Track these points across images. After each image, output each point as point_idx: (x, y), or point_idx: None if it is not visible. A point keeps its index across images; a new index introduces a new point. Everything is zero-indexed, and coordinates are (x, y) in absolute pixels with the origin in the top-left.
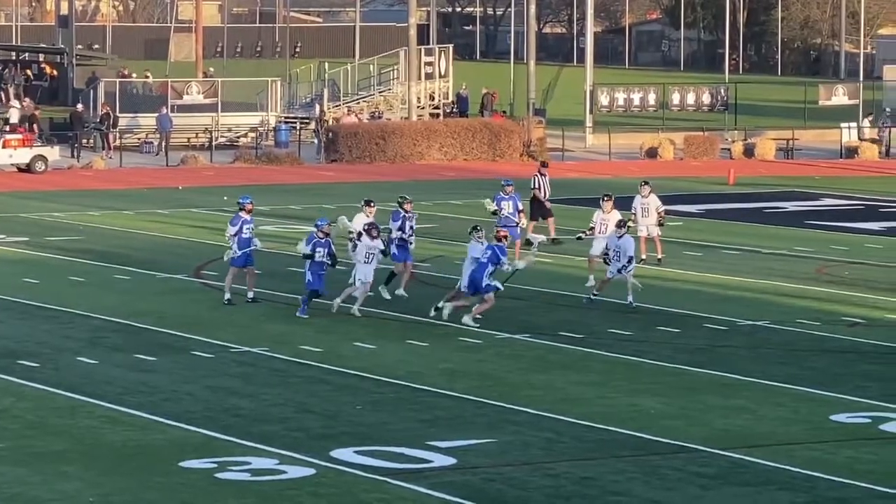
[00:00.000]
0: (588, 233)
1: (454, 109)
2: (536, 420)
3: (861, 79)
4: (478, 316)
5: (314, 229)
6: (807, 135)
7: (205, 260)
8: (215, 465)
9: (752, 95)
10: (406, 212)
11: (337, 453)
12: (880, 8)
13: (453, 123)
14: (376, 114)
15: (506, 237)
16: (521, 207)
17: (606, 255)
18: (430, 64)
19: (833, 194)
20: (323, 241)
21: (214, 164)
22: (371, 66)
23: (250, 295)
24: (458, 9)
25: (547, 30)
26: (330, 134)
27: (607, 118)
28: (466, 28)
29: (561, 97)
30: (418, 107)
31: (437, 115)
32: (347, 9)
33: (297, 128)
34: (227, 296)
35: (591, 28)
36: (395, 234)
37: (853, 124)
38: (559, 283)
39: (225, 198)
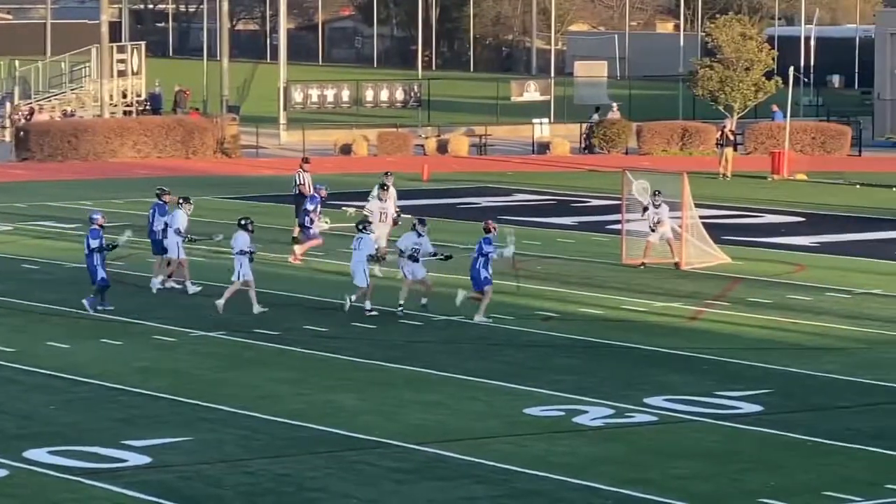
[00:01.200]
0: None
1: (147, 107)
2: (232, 417)
3: (552, 75)
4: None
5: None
6: (499, 130)
7: None
8: None
9: (445, 92)
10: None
11: (30, 454)
12: (571, 5)
13: (147, 121)
14: (68, 112)
15: (495, 228)
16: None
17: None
18: (122, 61)
19: (526, 189)
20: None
21: None
22: (63, 64)
23: None
24: (151, 6)
25: (240, 26)
26: (21, 132)
27: (301, 115)
28: (159, 25)
29: (255, 94)
30: (111, 104)
31: (130, 112)
32: (38, 5)
33: None
34: None
35: (284, 25)
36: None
37: (545, 120)
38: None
39: None
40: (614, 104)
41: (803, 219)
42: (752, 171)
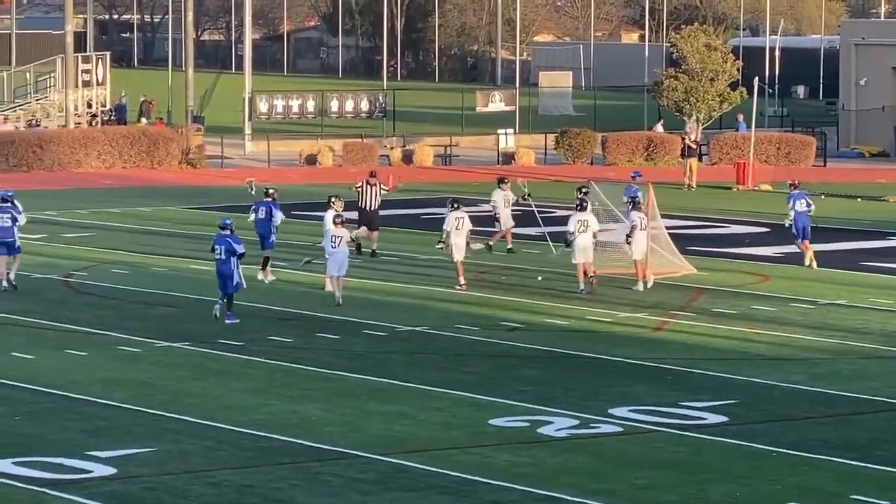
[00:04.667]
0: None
1: (112, 117)
2: (196, 428)
3: (518, 85)
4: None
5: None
6: (465, 141)
7: None
8: None
9: (410, 102)
10: None
11: None
12: (536, 15)
13: (111, 131)
14: (33, 122)
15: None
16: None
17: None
18: (87, 71)
19: (490, 200)
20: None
21: None
22: (28, 74)
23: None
24: (116, 16)
25: (205, 37)
26: None
27: (266, 125)
28: (124, 35)
29: (219, 104)
30: (76, 115)
31: (95, 123)
32: (3, 16)
33: None
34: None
35: (248, 35)
36: None
37: (510, 130)
38: (216, 291)
39: None
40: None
41: (768, 229)
42: (717, 182)
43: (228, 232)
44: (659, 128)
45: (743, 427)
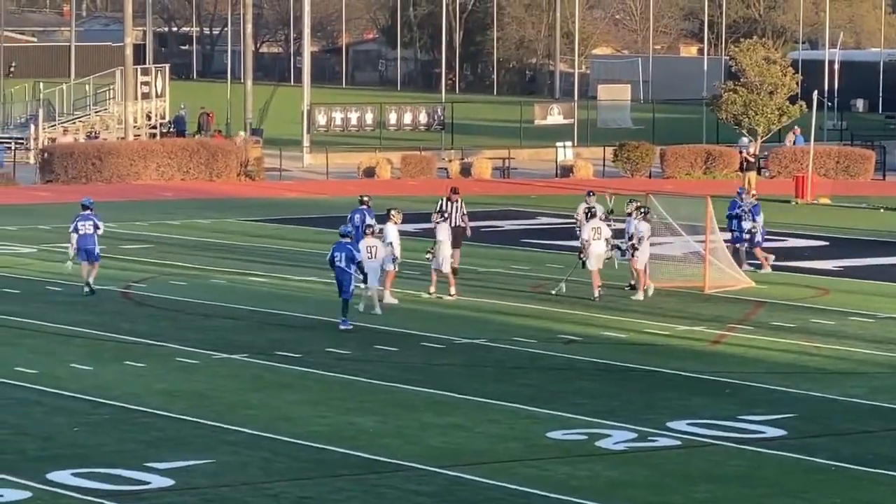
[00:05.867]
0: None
1: (171, 129)
2: (254, 440)
3: (576, 98)
4: None
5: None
6: (523, 154)
7: None
8: None
9: (468, 115)
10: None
11: (54, 476)
12: (595, 28)
13: (170, 143)
14: (93, 134)
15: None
16: None
17: None
18: (146, 84)
19: (548, 213)
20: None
21: None
22: (87, 86)
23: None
24: (175, 28)
25: (264, 49)
26: (45, 154)
27: (325, 138)
28: (183, 48)
29: (278, 117)
30: (135, 126)
31: (155, 134)
32: (62, 28)
33: (13, 148)
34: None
35: (307, 47)
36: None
37: (568, 143)
38: (274, 302)
39: None
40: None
41: (827, 243)
42: (776, 195)
43: (348, 239)
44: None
45: (802, 441)
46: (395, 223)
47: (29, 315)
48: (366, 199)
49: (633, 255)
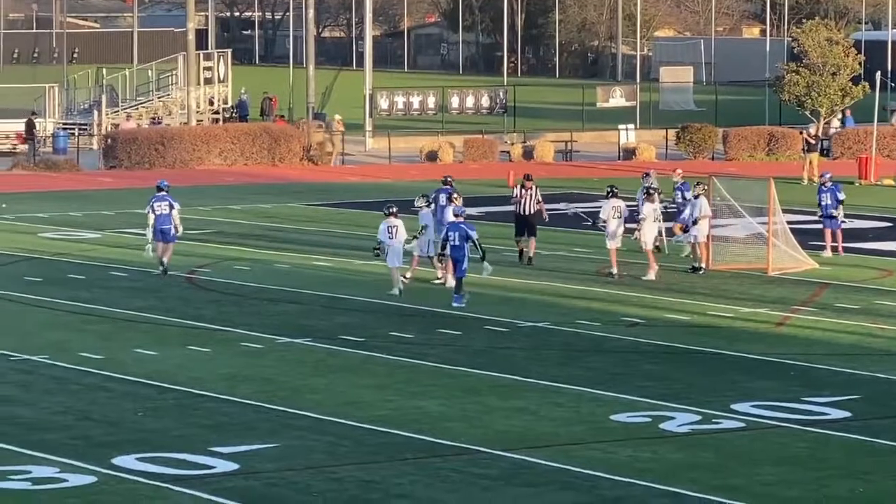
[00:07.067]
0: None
1: (234, 114)
2: (318, 424)
3: (638, 80)
4: None
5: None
6: (585, 137)
7: None
8: None
9: (530, 98)
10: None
11: (119, 460)
12: (657, 10)
13: (233, 128)
14: (156, 119)
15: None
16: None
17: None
18: (208, 69)
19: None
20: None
21: None
22: (150, 72)
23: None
24: (237, 13)
25: (326, 34)
26: (109, 140)
27: (387, 122)
28: (245, 33)
29: (340, 101)
30: (198, 112)
31: (217, 120)
32: (125, 14)
33: (76, 134)
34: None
35: (369, 32)
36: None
37: (631, 126)
38: (338, 286)
39: (3, 205)
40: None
41: (890, 224)
42: (839, 177)
43: (461, 219)
44: (836, 123)
45: (866, 423)
46: (429, 210)
47: (94, 301)
48: (449, 179)
49: (693, 235)
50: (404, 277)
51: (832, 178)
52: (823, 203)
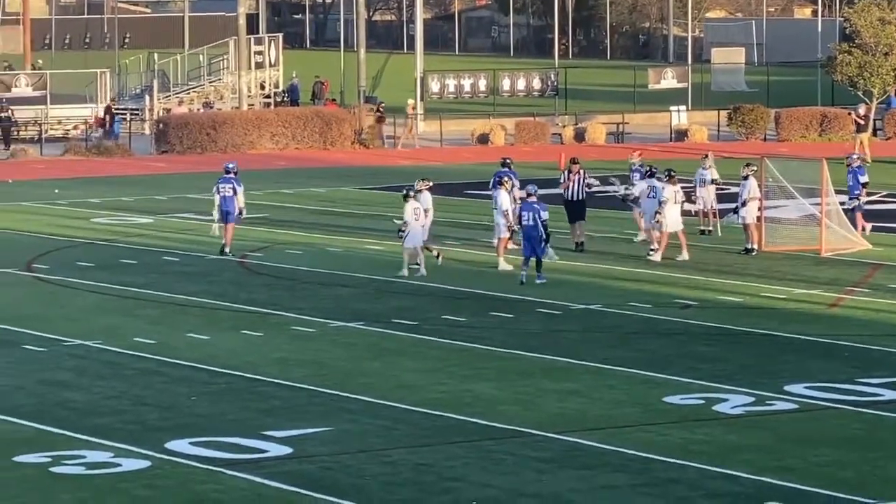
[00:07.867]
0: None
1: (285, 98)
2: (372, 407)
3: (690, 62)
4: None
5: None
6: (637, 118)
7: (36, 253)
8: (49, 460)
9: (581, 80)
10: None
11: (172, 445)
12: None
13: (284, 112)
14: (208, 104)
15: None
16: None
17: None
18: (259, 53)
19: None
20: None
21: (45, 157)
22: (201, 56)
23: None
24: None
25: (377, 17)
26: (160, 125)
27: (438, 105)
28: (296, 17)
29: (392, 84)
30: (249, 96)
31: (269, 104)
32: None
33: (128, 119)
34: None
35: (420, 15)
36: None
37: (682, 107)
38: (390, 270)
39: (56, 191)
40: None
41: None
42: (891, 157)
43: (534, 199)
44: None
45: None
46: (507, 189)
47: (146, 285)
48: (508, 160)
49: (742, 216)
50: (435, 256)
51: (860, 158)
52: (850, 184)
